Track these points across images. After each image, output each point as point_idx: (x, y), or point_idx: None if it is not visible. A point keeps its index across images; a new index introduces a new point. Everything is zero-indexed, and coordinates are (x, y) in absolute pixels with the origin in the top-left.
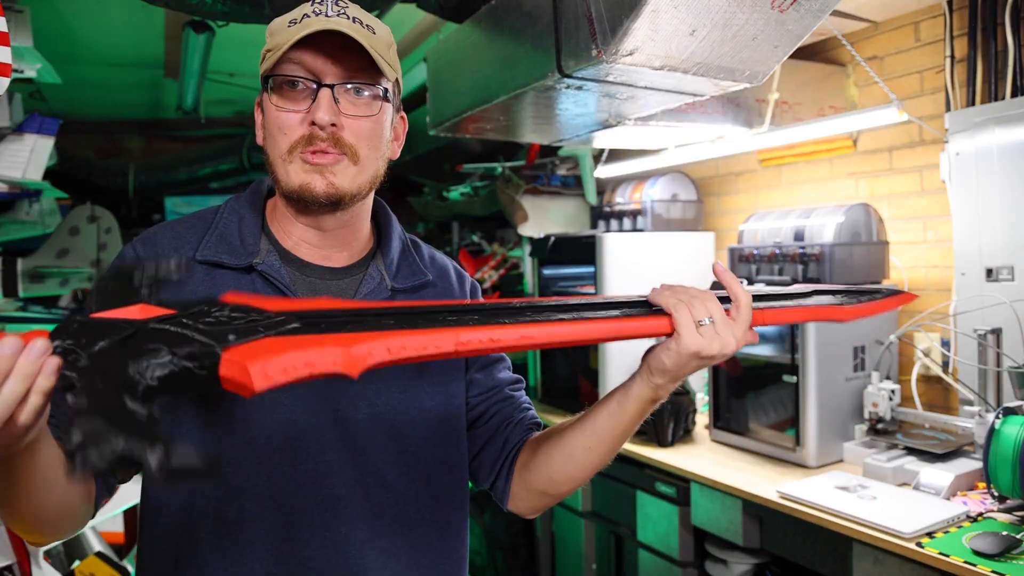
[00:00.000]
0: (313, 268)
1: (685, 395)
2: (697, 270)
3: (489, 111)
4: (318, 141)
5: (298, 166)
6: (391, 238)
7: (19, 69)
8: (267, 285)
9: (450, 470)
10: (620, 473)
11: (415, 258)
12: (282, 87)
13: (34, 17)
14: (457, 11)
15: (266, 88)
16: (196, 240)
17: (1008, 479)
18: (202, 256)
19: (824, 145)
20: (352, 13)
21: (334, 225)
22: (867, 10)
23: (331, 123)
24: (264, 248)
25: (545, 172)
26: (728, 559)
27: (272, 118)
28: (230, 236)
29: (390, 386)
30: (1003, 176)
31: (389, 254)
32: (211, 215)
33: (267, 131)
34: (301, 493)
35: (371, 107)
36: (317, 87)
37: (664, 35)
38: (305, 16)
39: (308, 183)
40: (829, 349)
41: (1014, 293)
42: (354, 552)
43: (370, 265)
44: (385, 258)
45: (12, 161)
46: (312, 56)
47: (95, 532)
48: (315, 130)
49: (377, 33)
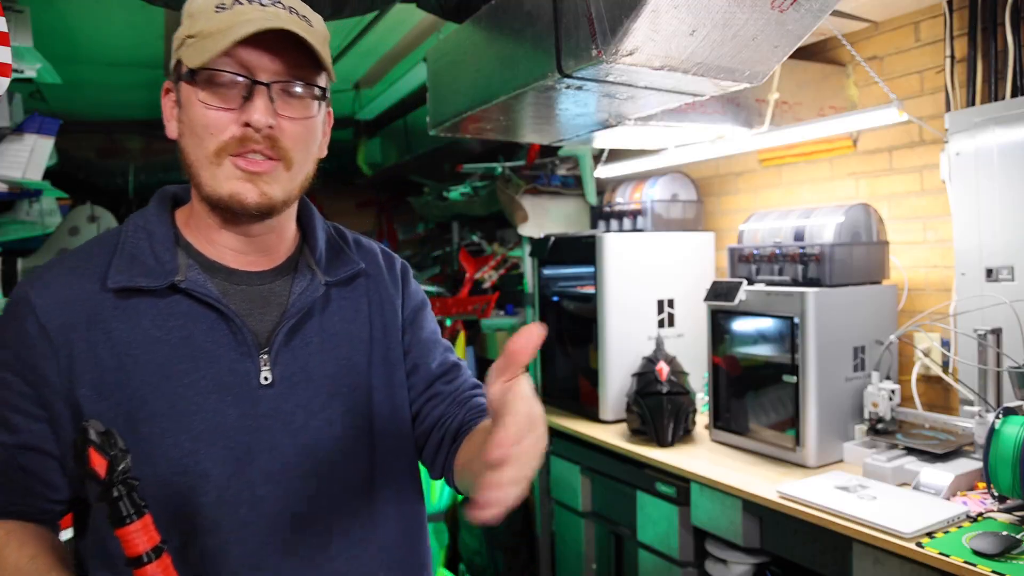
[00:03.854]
0: (242, 275)
1: (685, 395)
2: (697, 270)
3: (489, 111)
4: (251, 144)
5: (228, 171)
6: (315, 231)
7: (19, 69)
8: (194, 303)
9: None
10: (620, 473)
11: (342, 247)
12: (211, 82)
13: (34, 17)
14: (457, 11)
15: (190, 80)
16: (101, 268)
17: (1008, 479)
18: (114, 283)
19: (824, 145)
20: (287, 2)
21: (262, 231)
22: (867, 10)
23: (268, 125)
24: (183, 263)
25: (545, 172)
26: (728, 559)
27: (198, 115)
28: (142, 255)
29: None
30: (1003, 176)
31: (317, 248)
32: (112, 237)
33: (189, 128)
34: None
35: (308, 108)
36: (252, 84)
37: (664, 35)
38: (236, 3)
39: (239, 193)
40: (829, 349)
41: (1014, 293)
42: None
43: (299, 263)
44: (313, 253)
45: (12, 161)
46: (247, 50)
47: None
48: (249, 132)
49: (314, 26)
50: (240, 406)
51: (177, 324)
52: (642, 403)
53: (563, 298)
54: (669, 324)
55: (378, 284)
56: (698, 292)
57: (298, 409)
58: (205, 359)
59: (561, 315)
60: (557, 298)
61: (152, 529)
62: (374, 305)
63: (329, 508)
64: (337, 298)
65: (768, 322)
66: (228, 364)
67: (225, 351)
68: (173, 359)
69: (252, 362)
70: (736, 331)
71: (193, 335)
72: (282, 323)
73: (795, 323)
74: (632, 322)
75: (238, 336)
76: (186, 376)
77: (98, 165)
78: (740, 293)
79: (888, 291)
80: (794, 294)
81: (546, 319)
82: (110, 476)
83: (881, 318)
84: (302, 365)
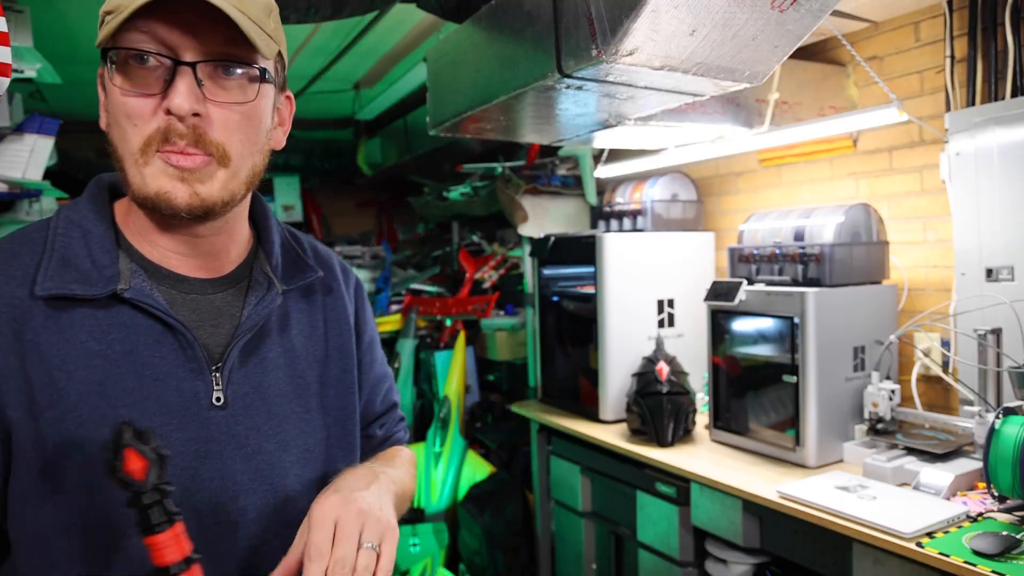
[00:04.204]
0: (191, 282)
1: (685, 395)
2: (697, 270)
3: (489, 111)
4: (175, 138)
5: (156, 167)
6: (271, 232)
7: (19, 69)
8: (139, 314)
9: None
10: (620, 473)
11: (298, 253)
12: (127, 63)
13: (34, 17)
14: (457, 11)
15: (107, 62)
16: (28, 271)
17: (1008, 479)
18: (44, 290)
19: (824, 145)
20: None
21: (208, 232)
22: (867, 10)
23: (193, 112)
24: (126, 268)
25: (545, 172)
26: (728, 559)
27: (117, 104)
28: (76, 258)
29: None
30: (1003, 176)
31: (273, 253)
32: (40, 233)
33: (113, 119)
34: None
35: (245, 91)
36: (174, 65)
37: (664, 35)
38: None
39: (167, 192)
40: (829, 349)
41: (1014, 293)
42: None
43: (253, 268)
44: (269, 259)
45: (12, 161)
46: (166, 26)
47: None
48: (172, 121)
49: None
50: (187, 430)
51: (119, 337)
52: (642, 403)
53: (563, 298)
54: (669, 324)
55: (336, 300)
56: (698, 292)
57: (251, 432)
58: (150, 377)
59: (561, 315)
60: (557, 298)
61: (184, 539)
62: (331, 323)
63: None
64: (294, 311)
65: (768, 322)
66: (176, 383)
67: (173, 368)
68: (113, 376)
69: (203, 381)
70: (736, 331)
71: (136, 349)
72: (236, 338)
73: (795, 323)
74: (632, 322)
75: (188, 352)
76: (128, 396)
77: (98, 165)
78: (740, 293)
79: (888, 291)
80: (794, 294)
81: (546, 319)
82: (146, 480)
83: (881, 318)
84: (256, 384)
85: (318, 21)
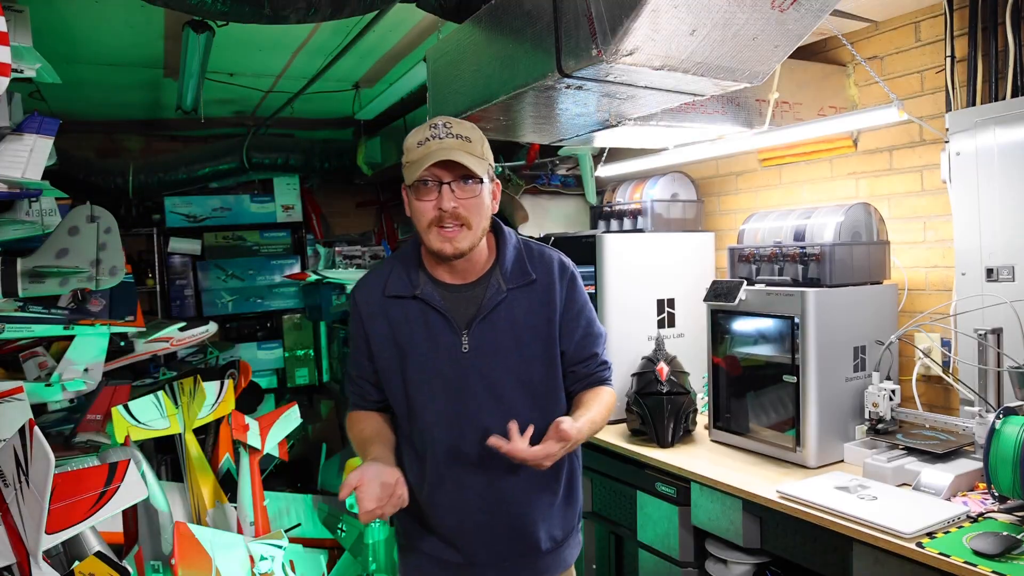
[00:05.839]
0: (453, 287)
1: (685, 395)
2: (697, 270)
3: (489, 111)
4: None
5: (435, 236)
6: (506, 254)
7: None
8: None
9: None
10: (620, 473)
11: (525, 262)
12: (418, 188)
13: (34, 17)
14: (457, 11)
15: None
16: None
17: (1008, 479)
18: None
19: (824, 145)
20: (455, 131)
21: (460, 263)
22: (867, 10)
23: (453, 207)
24: (422, 280)
25: (545, 172)
26: (728, 559)
27: (415, 207)
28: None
29: None
30: (1003, 176)
31: (504, 266)
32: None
33: (412, 213)
34: None
35: (475, 190)
36: (440, 185)
37: (664, 35)
38: (427, 139)
39: (442, 249)
40: (829, 349)
41: (1014, 293)
42: None
43: (492, 277)
44: (502, 268)
45: (12, 161)
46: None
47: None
48: (442, 213)
49: (473, 140)
50: (450, 363)
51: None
52: (642, 403)
53: None
54: (669, 324)
55: (549, 288)
56: (698, 292)
57: (484, 365)
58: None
59: None
60: None
61: None
62: (543, 304)
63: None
64: (518, 296)
65: (768, 322)
66: (444, 338)
67: (442, 331)
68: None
69: (457, 338)
70: (736, 331)
71: (427, 321)
72: (478, 315)
73: (795, 323)
74: (632, 322)
75: (450, 323)
76: (422, 343)
77: (98, 165)
78: (740, 293)
79: (888, 291)
80: (794, 294)
81: None
82: None
83: (881, 318)
84: (489, 340)
85: (318, 21)
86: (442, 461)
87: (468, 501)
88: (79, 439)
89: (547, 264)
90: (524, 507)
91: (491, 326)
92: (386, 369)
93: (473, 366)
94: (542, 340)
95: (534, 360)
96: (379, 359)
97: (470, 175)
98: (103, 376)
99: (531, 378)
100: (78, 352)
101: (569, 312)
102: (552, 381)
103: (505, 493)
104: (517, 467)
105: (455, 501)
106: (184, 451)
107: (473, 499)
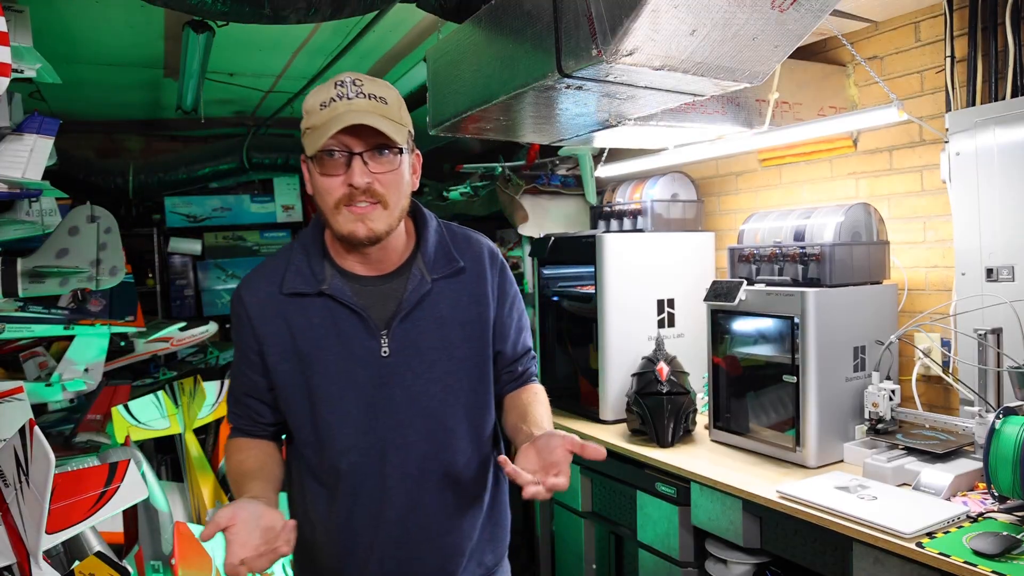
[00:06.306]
0: (367, 279)
1: (685, 395)
2: (697, 270)
3: (489, 111)
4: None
5: (345, 216)
6: (427, 238)
7: (19, 69)
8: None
9: None
10: (620, 473)
11: (449, 247)
12: (323, 160)
13: (34, 17)
14: (457, 11)
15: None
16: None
17: (1008, 479)
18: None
19: (824, 145)
20: (368, 90)
21: (375, 250)
22: (867, 10)
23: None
24: (329, 273)
25: (545, 172)
26: (728, 559)
27: (319, 183)
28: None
29: None
30: (1003, 176)
31: (427, 252)
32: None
33: (316, 190)
34: None
35: (392, 162)
36: (350, 156)
37: (664, 35)
38: (332, 100)
39: (353, 231)
40: (829, 349)
41: (1014, 293)
42: None
43: (412, 266)
44: (424, 256)
45: (12, 161)
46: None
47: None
48: (352, 189)
49: (389, 102)
50: (367, 370)
51: (326, 316)
52: (642, 403)
53: (563, 298)
54: (669, 324)
55: (480, 279)
56: (698, 292)
57: (407, 371)
58: (344, 338)
59: (561, 315)
60: (557, 298)
61: None
62: (473, 299)
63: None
64: (444, 289)
65: (768, 322)
66: (360, 341)
67: (357, 333)
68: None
69: (375, 340)
70: (736, 331)
71: (336, 322)
72: (397, 312)
73: (795, 323)
74: (632, 322)
75: (365, 323)
76: (332, 349)
77: (98, 165)
78: (740, 293)
79: (888, 291)
80: (794, 294)
81: (546, 319)
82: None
83: (881, 318)
84: (412, 341)
85: (318, 21)
86: (358, 493)
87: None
88: (79, 439)
89: (476, 251)
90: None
91: (414, 325)
92: (287, 386)
93: (395, 374)
94: (474, 341)
95: (465, 364)
96: (277, 374)
97: (387, 144)
98: (103, 376)
99: (462, 386)
100: (78, 352)
101: (503, 308)
102: (484, 388)
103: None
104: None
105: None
106: (184, 451)
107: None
